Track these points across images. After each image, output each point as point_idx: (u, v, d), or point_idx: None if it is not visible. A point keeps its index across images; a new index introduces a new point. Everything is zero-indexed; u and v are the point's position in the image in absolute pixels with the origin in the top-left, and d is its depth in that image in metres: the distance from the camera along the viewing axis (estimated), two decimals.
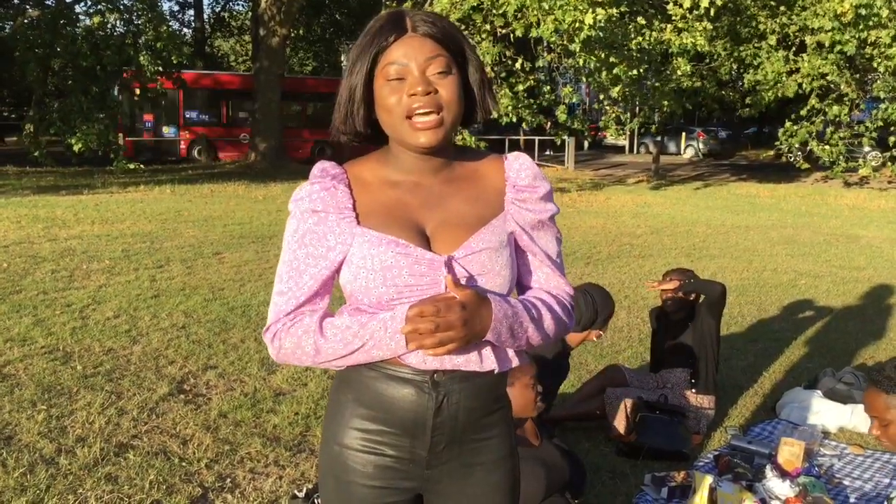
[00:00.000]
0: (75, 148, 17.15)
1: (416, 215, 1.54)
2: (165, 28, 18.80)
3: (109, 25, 18.27)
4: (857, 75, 19.89)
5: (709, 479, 3.49)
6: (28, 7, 19.32)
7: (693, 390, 4.38)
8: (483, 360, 1.54)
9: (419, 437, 1.58)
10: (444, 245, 1.52)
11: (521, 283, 1.66)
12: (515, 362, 1.58)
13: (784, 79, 19.07)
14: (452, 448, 1.61)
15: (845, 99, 19.57)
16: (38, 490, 3.36)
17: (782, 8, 19.31)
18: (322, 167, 1.57)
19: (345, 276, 1.53)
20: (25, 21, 18.65)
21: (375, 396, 1.56)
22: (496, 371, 1.55)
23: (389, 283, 1.48)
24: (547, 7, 14.45)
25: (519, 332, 1.52)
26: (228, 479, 3.55)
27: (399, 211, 1.54)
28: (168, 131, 25.71)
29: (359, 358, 1.52)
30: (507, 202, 1.59)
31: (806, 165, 19.92)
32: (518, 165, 1.62)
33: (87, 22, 18.55)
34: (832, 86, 19.44)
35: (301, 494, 3.30)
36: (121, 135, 19.29)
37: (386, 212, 1.53)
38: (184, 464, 3.67)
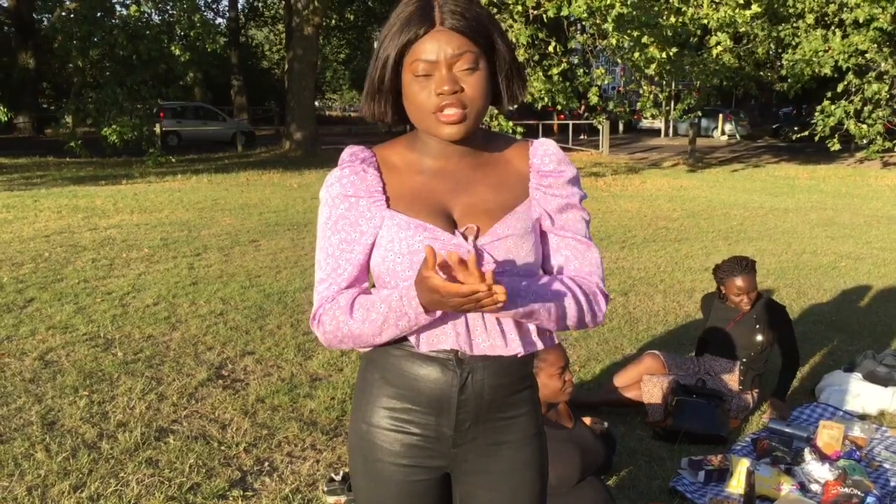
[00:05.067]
0: (110, 139, 17.34)
1: (443, 200, 1.54)
2: (199, 16, 18.90)
3: (146, 16, 18.43)
4: None
5: (746, 463, 3.46)
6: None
7: (739, 387, 4.31)
8: (508, 344, 1.54)
9: (444, 415, 1.59)
10: (471, 231, 1.52)
11: (544, 270, 1.63)
12: (540, 345, 1.58)
13: (821, 55, 18.69)
14: (478, 426, 1.62)
15: (885, 77, 19.14)
16: (81, 474, 3.42)
17: None
18: (351, 151, 1.58)
19: (374, 258, 1.55)
20: (63, 13, 18.89)
21: (401, 375, 1.58)
22: (520, 354, 1.55)
23: (416, 268, 1.49)
24: None
25: (537, 310, 1.48)
26: (266, 463, 3.60)
27: (427, 196, 1.54)
28: None
29: (391, 333, 1.51)
30: (531, 188, 1.59)
31: (837, 146, 19.48)
32: (542, 151, 1.61)
33: (124, 12, 18.74)
34: (871, 63, 19.02)
35: (338, 477, 3.32)
36: (157, 126, 19.40)
37: (414, 196, 1.54)
38: (223, 448, 3.72)
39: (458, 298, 1.32)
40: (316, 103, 28.01)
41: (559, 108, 16.57)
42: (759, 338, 4.38)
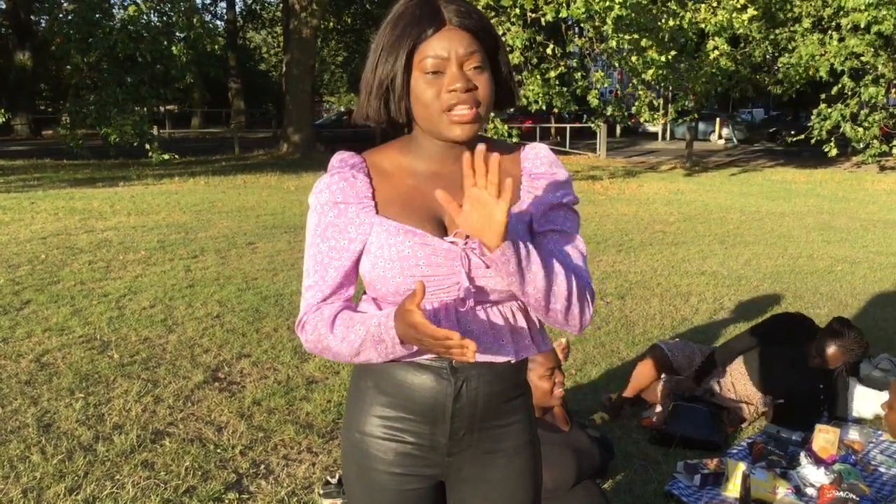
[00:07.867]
0: (111, 139, 17.31)
1: (434, 205, 1.53)
2: (198, 18, 18.89)
3: (144, 17, 18.39)
4: None
5: (742, 467, 3.47)
6: (64, 1, 19.56)
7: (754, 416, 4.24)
8: (500, 350, 1.53)
9: (439, 424, 1.58)
10: (461, 235, 1.51)
11: None
12: (533, 351, 1.58)
13: (817, 59, 18.69)
14: (473, 434, 1.61)
15: (882, 81, 19.15)
16: (77, 476, 3.42)
17: None
18: (341, 157, 1.57)
19: (364, 265, 1.53)
20: (60, 15, 18.87)
21: (395, 383, 1.57)
22: (512, 360, 1.55)
23: (407, 273, 1.48)
24: None
25: (533, 272, 1.42)
26: (262, 466, 3.60)
27: (417, 200, 1.53)
28: None
29: (369, 356, 1.50)
30: (523, 192, 1.59)
31: (835, 152, 19.46)
32: (534, 155, 1.61)
33: (122, 14, 18.72)
34: (867, 67, 19.03)
35: (333, 480, 3.33)
36: (156, 126, 19.39)
37: (404, 201, 1.53)
38: (219, 450, 3.72)
39: (431, 340, 1.31)
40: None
41: (556, 111, 16.58)
42: (807, 394, 4.23)
